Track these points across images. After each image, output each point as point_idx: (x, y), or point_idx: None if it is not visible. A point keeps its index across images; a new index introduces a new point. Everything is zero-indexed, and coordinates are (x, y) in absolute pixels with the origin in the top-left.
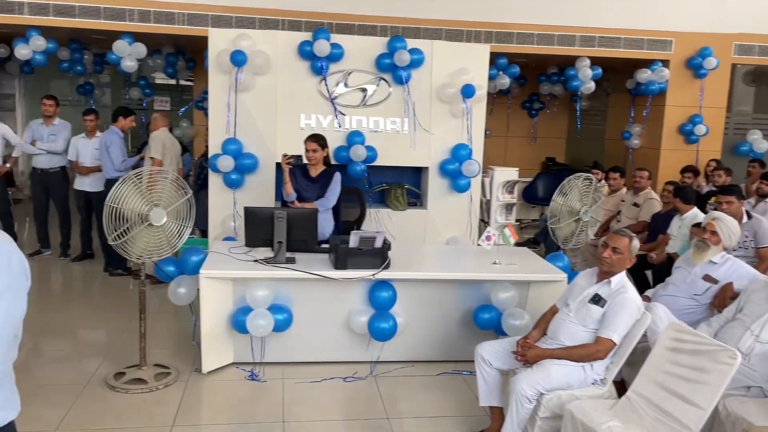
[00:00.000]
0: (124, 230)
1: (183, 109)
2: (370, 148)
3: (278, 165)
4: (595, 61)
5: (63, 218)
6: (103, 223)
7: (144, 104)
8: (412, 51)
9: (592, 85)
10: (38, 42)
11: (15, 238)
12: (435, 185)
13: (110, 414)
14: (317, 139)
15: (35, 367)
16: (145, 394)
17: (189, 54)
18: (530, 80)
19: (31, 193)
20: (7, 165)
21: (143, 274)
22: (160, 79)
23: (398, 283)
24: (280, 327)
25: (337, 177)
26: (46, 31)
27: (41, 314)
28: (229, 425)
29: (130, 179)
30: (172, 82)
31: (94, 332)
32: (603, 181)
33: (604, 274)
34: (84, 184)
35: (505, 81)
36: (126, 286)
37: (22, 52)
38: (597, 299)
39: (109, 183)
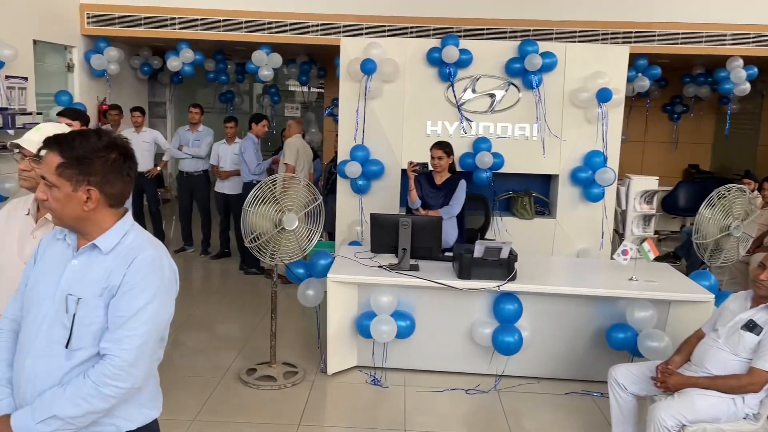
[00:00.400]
0: (260, 233)
1: (325, 114)
2: (496, 155)
3: (404, 171)
4: (749, 61)
5: (204, 218)
6: (240, 225)
7: (273, 111)
8: (545, 54)
9: (746, 87)
10: (187, 54)
11: (162, 236)
12: (565, 194)
13: (242, 408)
14: (443, 147)
15: (177, 357)
16: (274, 391)
17: (320, 63)
18: (672, 82)
19: (178, 195)
20: (158, 168)
21: (275, 275)
22: (293, 86)
23: (524, 296)
24: (403, 334)
25: (462, 184)
26: (194, 44)
27: (183, 307)
28: (352, 428)
29: (266, 185)
30: (303, 89)
31: (229, 327)
32: (756, 192)
33: (761, 299)
34: (224, 187)
35: (644, 83)
36: (259, 284)
37: (173, 63)
38: (752, 326)
39: (246, 186)
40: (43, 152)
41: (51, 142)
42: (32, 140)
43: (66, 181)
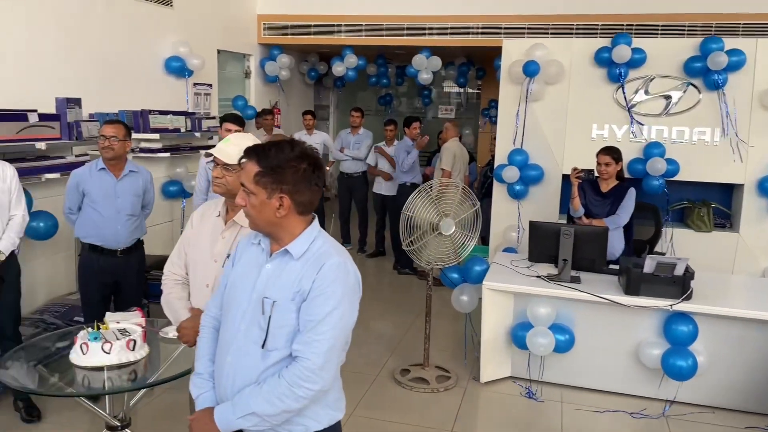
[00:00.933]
0: (417, 237)
1: (488, 119)
2: (670, 161)
3: (565, 177)
4: None
5: (362, 218)
6: (396, 224)
7: (424, 112)
8: (731, 52)
9: None
10: (351, 59)
11: None
12: (751, 205)
13: (396, 407)
14: (611, 152)
15: None
16: (426, 394)
17: (479, 64)
18: None
19: (338, 194)
20: (327, 168)
21: (430, 279)
22: (448, 87)
23: (700, 318)
24: (562, 348)
25: (632, 193)
26: (357, 49)
27: None
28: None
29: (424, 190)
30: (459, 90)
31: (383, 325)
32: None
33: None
34: (381, 188)
35: None
36: (412, 285)
37: (338, 69)
38: None
39: (401, 188)
40: (243, 161)
41: (250, 152)
42: (224, 150)
43: (262, 188)
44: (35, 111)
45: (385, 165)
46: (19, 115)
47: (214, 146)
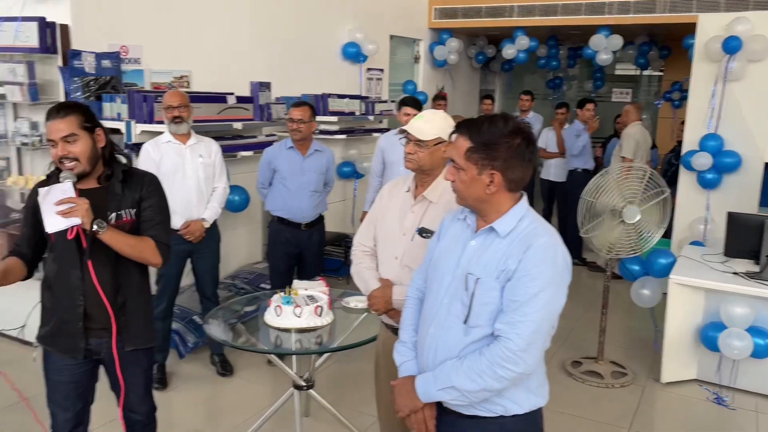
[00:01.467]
0: (595, 224)
1: (669, 102)
2: None
3: None
4: None
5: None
6: (564, 211)
7: (592, 95)
8: None
9: None
10: (522, 41)
11: None
12: None
13: (567, 399)
14: None
15: None
16: (600, 388)
17: (662, 42)
18: None
19: None
20: None
21: (610, 269)
22: (621, 69)
23: None
24: (761, 353)
25: None
26: (529, 31)
27: None
28: None
29: (608, 174)
30: (635, 72)
31: None
32: None
33: None
34: (549, 173)
35: None
36: (581, 276)
37: (508, 51)
38: None
39: (571, 174)
40: (454, 136)
41: (462, 127)
42: (416, 127)
43: (473, 164)
44: (233, 94)
45: (556, 149)
46: (220, 98)
47: (387, 129)
